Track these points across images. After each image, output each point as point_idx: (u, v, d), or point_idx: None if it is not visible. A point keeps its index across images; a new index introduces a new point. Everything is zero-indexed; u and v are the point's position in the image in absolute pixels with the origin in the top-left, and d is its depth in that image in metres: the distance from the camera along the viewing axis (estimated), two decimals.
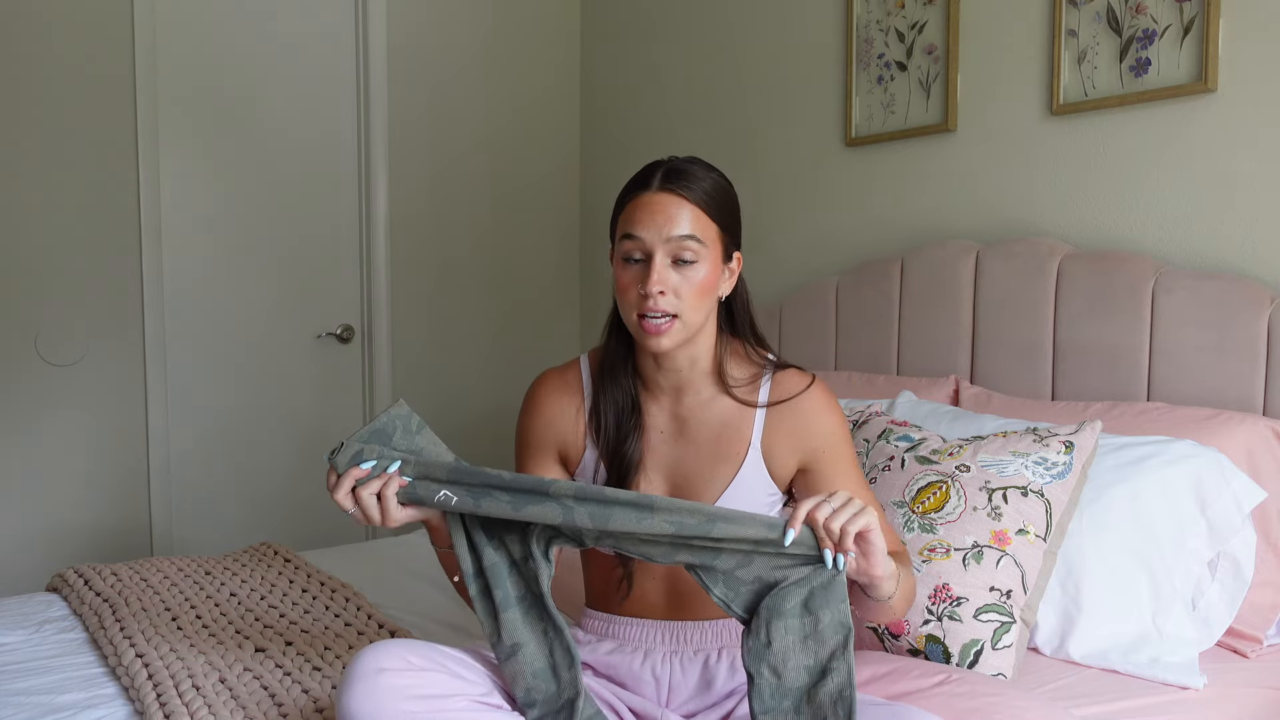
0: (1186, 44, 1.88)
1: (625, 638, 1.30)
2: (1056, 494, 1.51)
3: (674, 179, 1.22)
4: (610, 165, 3.40)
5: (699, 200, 1.22)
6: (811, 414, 1.29)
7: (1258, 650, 1.59)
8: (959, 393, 2.10)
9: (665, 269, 1.20)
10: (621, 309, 1.26)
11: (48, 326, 2.68)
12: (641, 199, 1.23)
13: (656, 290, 1.20)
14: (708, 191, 1.23)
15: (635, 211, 1.23)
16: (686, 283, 1.21)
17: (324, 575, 1.96)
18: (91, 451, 2.77)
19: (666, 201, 1.21)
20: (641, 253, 1.22)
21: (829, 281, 2.51)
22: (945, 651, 1.43)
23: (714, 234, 1.24)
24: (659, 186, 1.22)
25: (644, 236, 1.21)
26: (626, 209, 1.25)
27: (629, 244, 1.23)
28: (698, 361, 1.30)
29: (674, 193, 1.22)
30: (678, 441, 1.31)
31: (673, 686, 1.27)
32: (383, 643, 1.12)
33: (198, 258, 2.91)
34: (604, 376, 1.32)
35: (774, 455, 1.29)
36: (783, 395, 1.30)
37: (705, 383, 1.31)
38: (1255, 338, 1.73)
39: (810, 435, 1.28)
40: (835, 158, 2.61)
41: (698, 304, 1.22)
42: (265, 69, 2.98)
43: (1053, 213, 2.13)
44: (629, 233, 1.23)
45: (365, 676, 1.07)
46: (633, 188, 1.25)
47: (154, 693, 1.38)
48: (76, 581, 1.90)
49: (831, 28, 2.60)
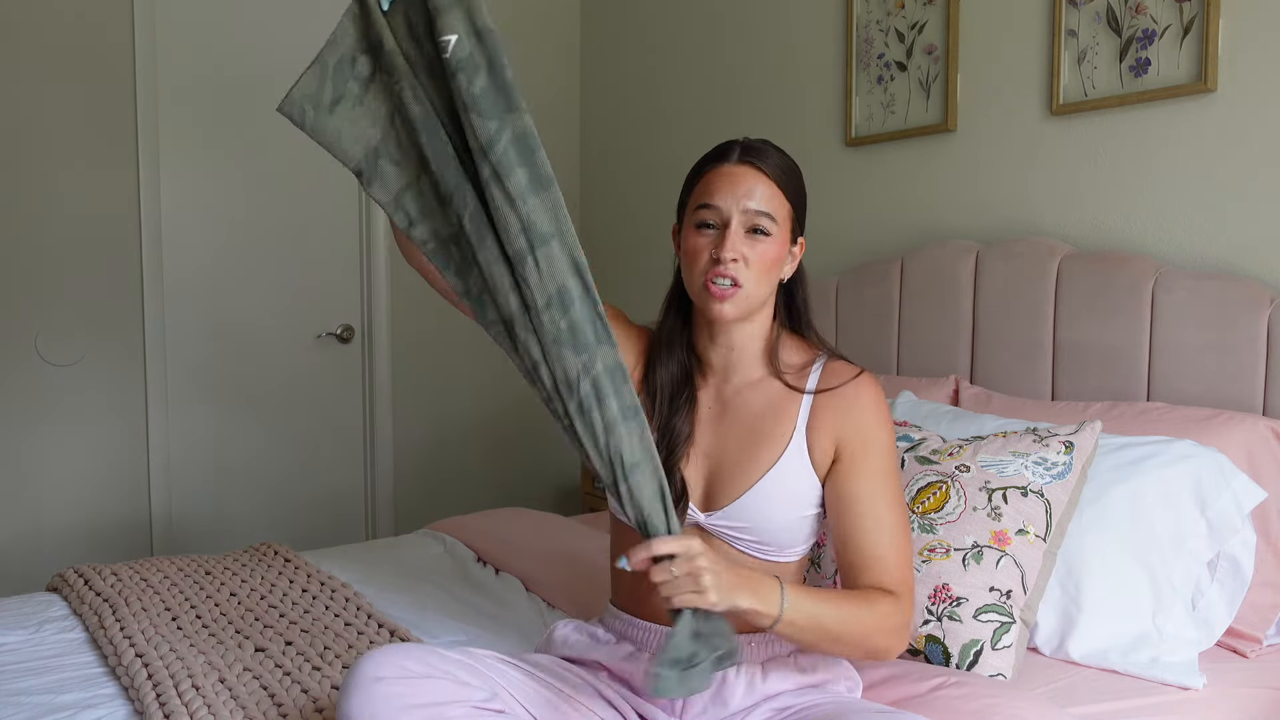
0: (1186, 44, 1.88)
1: (644, 643, 1.28)
2: (1056, 494, 1.51)
3: (752, 154, 1.26)
4: (610, 165, 3.40)
5: (775, 176, 1.25)
6: (854, 402, 1.27)
7: (1257, 650, 1.59)
8: (959, 393, 2.10)
9: (739, 237, 1.23)
10: (687, 277, 1.28)
11: (48, 326, 2.69)
12: (721, 169, 1.26)
13: (730, 256, 1.22)
14: (783, 169, 1.27)
15: (714, 181, 1.26)
16: (756, 254, 1.23)
17: (324, 575, 1.95)
18: (91, 451, 2.77)
19: (745, 173, 1.25)
20: (718, 220, 1.24)
21: (829, 281, 2.51)
22: (945, 652, 1.43)
23: (785, 212, 1.26)
24: (738, 159, 1.26)
25: (721, 205, 1.24)
26: (704, 179, 1.28)
27: (705, 212, 1.25)
28: (752, 341, 1.30)
29: (753, 165, 1.25)
30: (721, 423, 1.30)
31: (686, 700, 1.24)
32: (381, 650, 1.12)
33: (198, 257, 2.91)
34: (660, 349, 1.34)
35: (816, 443, 1.27)
36: (831, 383, 1.29)
37: (756, 365, 1.31)
38: (1255, 338, 1.73)
39: (847, 423, 1.26)
40: (835, 158, 2.61)
41: (763, 277, 1.25)
42: (265, 69, 2.97)
43: (1052, 213, 2.13)
44: (706, 202, 1.25)
45: (363, 685, 1.06)
46: (710, 160, 1.28)
47: (154, 692, 1.38)
48: (76, 581, 1.90)
49: (831, 28, 2.60)
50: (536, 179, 1.05)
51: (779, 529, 1.26)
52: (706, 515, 1.27)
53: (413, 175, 1.12)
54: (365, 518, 3.28)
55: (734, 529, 1.26)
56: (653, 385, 1.32)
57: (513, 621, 1.76)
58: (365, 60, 1.12)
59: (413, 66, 1.11)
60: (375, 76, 1.12)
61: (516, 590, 1.91)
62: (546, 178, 1.05)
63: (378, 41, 1.11)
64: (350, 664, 1.50)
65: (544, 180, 1.05)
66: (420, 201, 1.12)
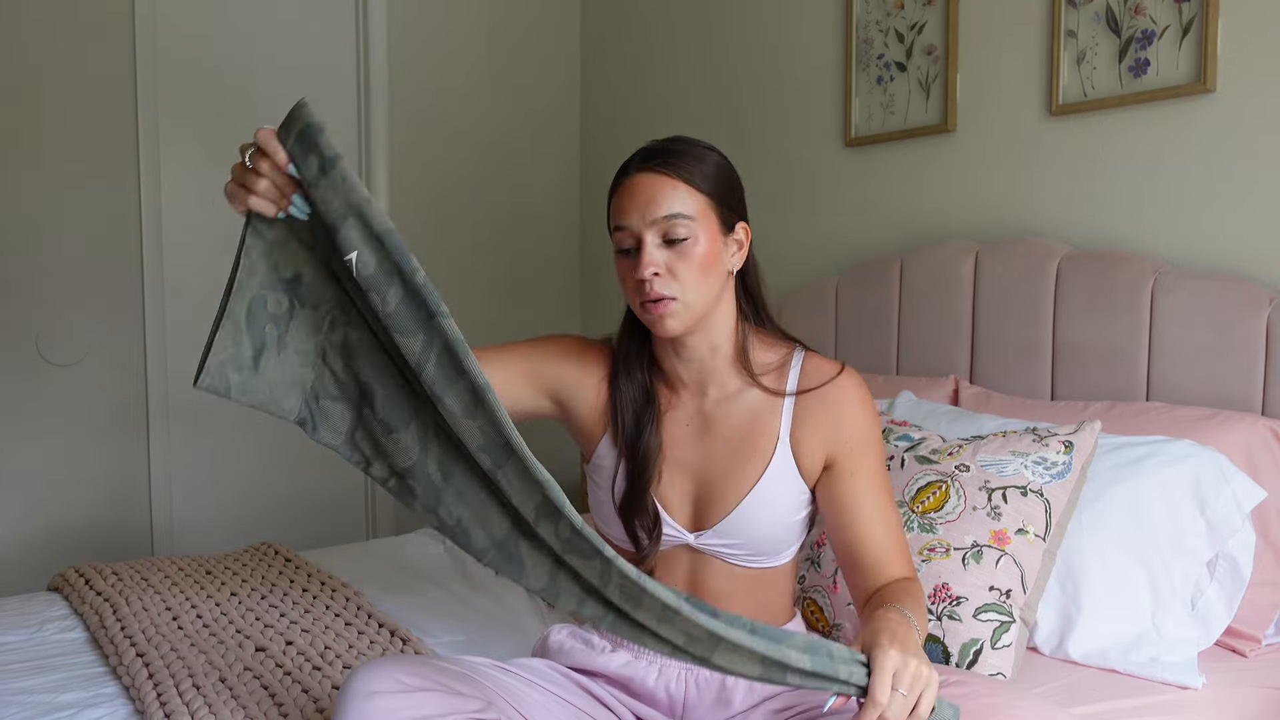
0: (1185, 44, 1.88)
1: (640, 651, 1.25)
2: (1056, 494, 1.51)
3: (650, 158, 1.19)
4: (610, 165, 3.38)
5: (680, 174, 1.18)
6: (842, 408, 1.22)
7: (1257, 650, 1.59)
8: (959, 392, 2.10)
9: (655, 250, 1.17)
10: (630, 303, 1.24)
11: (48, 326, 2.69)
12: (623, 186, 1.20)
13: (649, 273, 1.16)
14: (689, 164, 1.18)
15: (619, 200, 1.20)
16: (681, 260, 1.17)
17: (324, 575, 1.96)
18: (92, 451, 2.77)
19: (646, 182, 1.18)
20: (632, 239, 1.19)
21: (828, 281, 2.51)
22: (945, 651, 1.44)
23: (703, 205, 1.18)
24: (636, 169, 1.20)
25: (629, 223, 1.18)
26: (613, 201, 1.22)
27: (619, 235, 1.20)
28: (719, 349, 1.25)
29: (652, 171, 1.18)
30: (704, 439, 1.26)
31: (688, 705, 1.23)
32: (374, 662, 1.10)
33: (198, 258, 2.91)
34: (619, 372, 1.29)
35: (802, 449, 1.23)
36: (812, 383, 1.24)
37: (731, 374, 1.26)
38: (1254, 338, 1.73)
39: (839, 428, 1.22)
40: (835, 158, 2.61)
41: (698, 282, 1.18)
42: (265, 69, 2.98)
43: (1052, 213, 2.13)
44: (617, 224, 1.20)
45: (356, 699, 1.05)
46: (615, 178, 1.23)
47: (154, 692, 1.38)
48: (77, 581, 1.90)
49: (831, 28, 2.61)
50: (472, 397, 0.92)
51: (771, 538, 1.24)
52: (696, 535, 1.24)
53: (356, 411, 1.00)
54: (365, 518, 3.29)
55: (727, 545, 1.24)
56: (616, 407, 1.28)
57: (512, 622, 1.77)
58: (279, 296, 0.98)
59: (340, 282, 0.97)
60: (294, 311, 0.98)
61: (516, 590, 1.91)
62: (480, 387, 0.92)
63: (293, 273, 0.98)
64: (350, 665, 1.51)
65: (479, 391, 0.92)
66: (370, 439, 1.00)
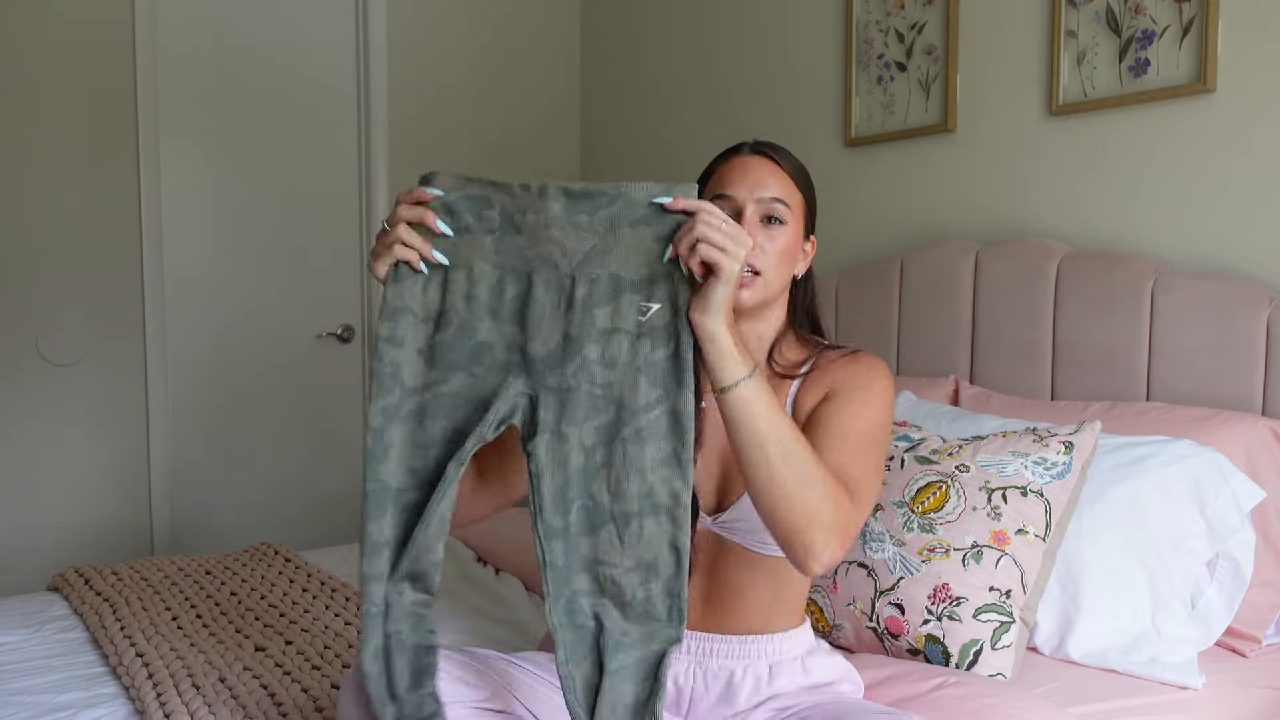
0: (1185, 44, 1.88)
1: None
2: (1056, 494, 1.51)
3: (765, 147, 1.27)
4: (610, 165, 3.40)
5: (788, 169, 1.26)
6: (850, 362, 1.24)
7: (1256, 650, 1.59)
8: (958, 393, 2.10)
9: (754, 225, 1.22)
10: None
11: (48, 326, 2.69)
12: (734, 161, 1.26)
13: None
14: (795, 164, 1.28)
15: (727, 173, 1.26)
16: (772, 242, 1.22)
17: (324, 575, 1.96)
18: (92, 451, 2.77)
19: (758, 164, 1.25)
20: (732, 210, 1.23)
21: (828, 281, 2.51)
22: (945, 651, 1.44)
23: (799, 204, 1.26)
24: (750, 150, 1.27)
25: (735, 194, 1.23)
26: (717, 174, 1.27)
27: (720, 203, 1.23)
28: (762, 339, 1.28)
29: (766, 156, 1.26)
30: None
31: (694, 698, 1.24)
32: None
33: (198, 257, 2.91)
34: None
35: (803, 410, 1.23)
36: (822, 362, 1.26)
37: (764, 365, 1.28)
38: (1254, 338, 1.73)
39: (838, 379, 1.23)
40: (835, 158, 2.61)
41: (780, 266, 1.23)
42: (265, 69, 2.98)
43: (1052, 213, 2.13)
44: (720, 193, 1.24)
45: (361, 686, 1.06)
46: (723, 155, 1.29)
47: (154, 692, 1.38)
48: (77, 581, 1.90)
49: (831, 28, 2.61)
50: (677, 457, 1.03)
51: None
52: (714, 518, 1.25)
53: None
54: None
55: (740, 527, 1.24)
56: None
57: (512, 621, 1.77)
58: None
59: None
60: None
61: (516, 590, 1.91)
62: (686, 460, 1.03)
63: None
64: (350, 665, 1.51)
65: (683, 462, 1.03)
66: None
